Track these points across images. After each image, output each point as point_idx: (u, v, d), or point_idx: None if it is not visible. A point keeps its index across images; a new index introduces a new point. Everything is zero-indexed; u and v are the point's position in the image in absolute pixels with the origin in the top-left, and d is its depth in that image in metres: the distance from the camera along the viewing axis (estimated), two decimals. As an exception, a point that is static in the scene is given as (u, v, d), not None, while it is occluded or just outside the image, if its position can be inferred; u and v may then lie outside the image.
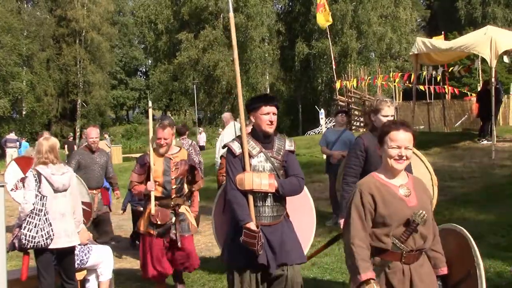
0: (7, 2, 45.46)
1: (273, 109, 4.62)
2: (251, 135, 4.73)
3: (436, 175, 5.79)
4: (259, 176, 4.53)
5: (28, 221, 5.22)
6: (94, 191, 8.33)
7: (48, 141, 5.54)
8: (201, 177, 6.52)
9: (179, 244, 5.96)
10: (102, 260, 5.95)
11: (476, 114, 17.24)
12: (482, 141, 15.27)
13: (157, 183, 5.96)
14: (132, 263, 8.03)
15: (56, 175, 5.36)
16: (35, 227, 5.20)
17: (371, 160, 4.94)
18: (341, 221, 4.74)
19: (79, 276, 5.90)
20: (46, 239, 5.21)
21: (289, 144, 4.79)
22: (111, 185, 9.17)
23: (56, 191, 5.35)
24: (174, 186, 6.05)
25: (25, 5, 52.63)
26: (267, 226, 4.54)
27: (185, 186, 6.32)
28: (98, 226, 8.54)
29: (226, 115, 10.81)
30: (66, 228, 5.35)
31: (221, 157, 6.69)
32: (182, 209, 6.17)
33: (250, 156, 4.58)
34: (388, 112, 5.04)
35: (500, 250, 7.03)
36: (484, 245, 7.31)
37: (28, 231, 5.19)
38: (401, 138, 3.30)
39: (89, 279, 6.02)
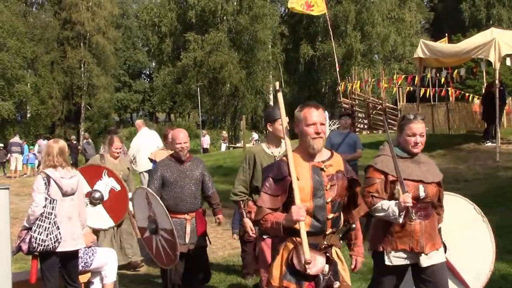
0: (14, 5, 45.70)
1: None
2: None
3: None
4: None
5: (38, 224, 5.24)
6: (186, 216, 5.92)
7: (57, 143, 5.58)
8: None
9: None
10: (106, 263, 5.96)
11: (480, 116, 17.28)
12: (486, 143, 15.25)
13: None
14: (136, 266, 8.01)
15: (65, 178, 5.39)
16: (45, 230, 5.22)
17: None
18: None
19: (84, 278, 5.91)
20: (55, 242, 5.23)
21: None
22: (210, 206, 6.43)
23: (64, 194, 5.37)
24: (330, 215, 3.57)
25: (31, 9, 52.91)
26: None
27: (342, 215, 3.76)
28: (192, 266, 6.12)
29: (139, 122, 12.83)
30: (72, 232, 5.36)
31: (369, 166, 4.49)
32: (335, 253, 3.67)
33: None
34: None
35: (505, 253, 7.00)
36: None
37: (38, 234, 5.22)
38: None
39: (93, 282, 6.03)
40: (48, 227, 5.23)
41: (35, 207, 5.29)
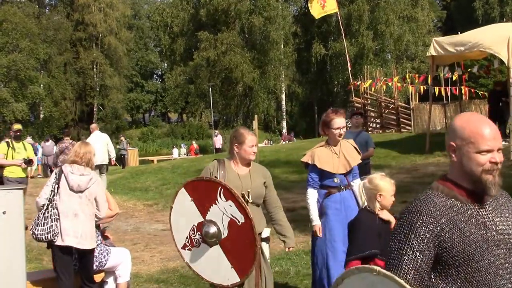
0: (27, 7, 46.09)
1: None
2: None
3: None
4: None
5: (38, 215, 5.36)
6: None
7: (86, 145, 5.80)
8: None
9: None
10: (120, 262, 5.98)
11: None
12: None
13: None
14: (149, 266, 8.06)
15: (74, 174, 5.44)
16: (48, 222, 5.32)
17: None
18: None
19: (97, 278, 5.93)
20: (47, 233, 5.29)
21: None
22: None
23: (71, 189, 5.42)
24: None
25: (44, 10, 53.35)
26: None
27: None
28: None
29: (93, 125, 14.74)
30: (76, 229, 5.37)
31: None
32: None
33: None
34: None
35: None
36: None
37: (42, 226, 5.31)
38: None
39: (107, 281, 6.05)
40: (53, 218, 5.32)
41: (37, 198, 5.45)
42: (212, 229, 4.33)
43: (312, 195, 5.24)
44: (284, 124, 50.18)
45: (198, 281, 6.93)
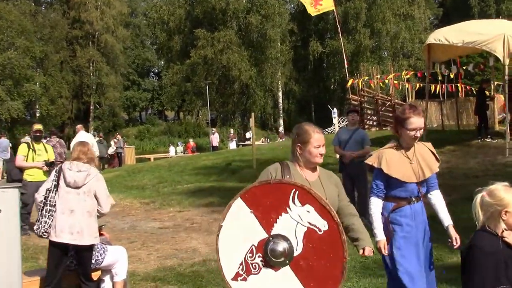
0: (23, 5, 45.94)
1: None
2: None
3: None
4: None
5: (44, 211, 5.45)
6: None
7: (83, 143, 5.97)
8: None
9: None
10: (117, 261, 5.97)
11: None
12: (480, 140, 15.31)
13: None
14: (146, 264, 8.05)
15: (72, 170, 5.49)
16: (46, 217, 5.42)
17: None
18: None
19: (94, 276, 5.92)
20: (38, 229, 5.40)
21: None
22: None
23: (67, 185, 5.44)
24: None
25: (41, 8, 53.26)
26: None
27: None
28: None
29: (78, 126, 15.43)
30: (72, 225, 5.39)
31: None
32: None
33: None
34: None
35: None
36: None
37: (40, 222, 5.43)
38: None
39: (103, 280, 6.05)
40: (43, 215, 5.42)
41: (36, 194, 5.59)
42: (281, 246, 3.31)
43: (376, 205, 4.34)
44: (281, 121, 50.18)
45: (195, 279, 6.94)
